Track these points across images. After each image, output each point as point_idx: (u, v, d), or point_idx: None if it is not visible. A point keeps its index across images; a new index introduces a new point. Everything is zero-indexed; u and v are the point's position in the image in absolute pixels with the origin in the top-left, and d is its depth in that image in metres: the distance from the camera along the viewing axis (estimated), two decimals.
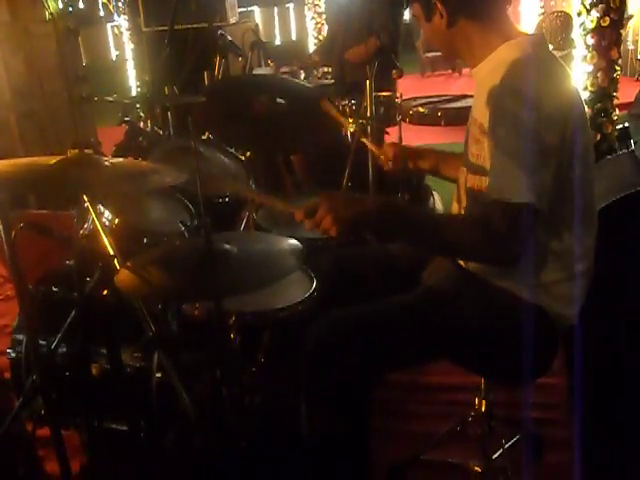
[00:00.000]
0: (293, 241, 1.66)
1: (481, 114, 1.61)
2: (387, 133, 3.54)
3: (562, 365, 2.48)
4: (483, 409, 2.00)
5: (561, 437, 2.22)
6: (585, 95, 4.73)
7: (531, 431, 2.17)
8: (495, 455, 2.01)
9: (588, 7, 4.50)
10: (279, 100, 2.20)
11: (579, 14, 4.61)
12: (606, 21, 4.44)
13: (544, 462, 2.14)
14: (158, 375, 1.91)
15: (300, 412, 1.66)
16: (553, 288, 1.63)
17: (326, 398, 1.61)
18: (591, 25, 4.50)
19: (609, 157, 4.01)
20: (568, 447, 2.16)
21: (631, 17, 8.73)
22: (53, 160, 1.59)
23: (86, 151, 1.62)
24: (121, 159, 1.80)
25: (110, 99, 3.12)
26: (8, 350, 2.14)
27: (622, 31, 4.68)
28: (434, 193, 3.74)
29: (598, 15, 4.44)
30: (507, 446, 2.06)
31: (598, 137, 4.73)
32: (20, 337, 2.12)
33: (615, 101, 4.79)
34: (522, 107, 1.44)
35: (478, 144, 1.64)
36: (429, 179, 3.52)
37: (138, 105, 4.12)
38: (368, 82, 2.68)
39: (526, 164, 1.43)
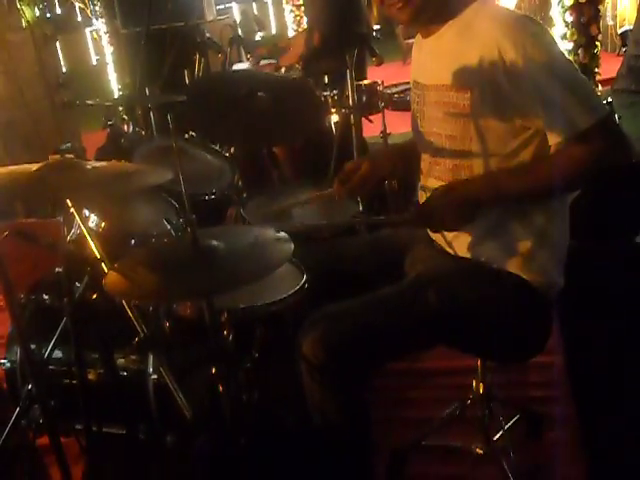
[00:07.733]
0: (281, 233, 1.65)
1: (447, 75, 1.65)
2: (371, 121, 3.52)
3: (558, 343, 2.50)
4: (481, 391, 1.99)
5: (560, 415, 2.22)
6: None
7: (530, 410, 2.17)
8: (496, 437, 2.02)
9: None
10: (260, 94, 2.18)
11: None
12: None
13: (544, 440, 2.14)
14: (154, 377, 1.90)
15: (299, 406, 1.66)
16: (535, 255, 1.63)
17: (325, 391, 1.60)
18: (569, 2, 4.51)
19: None
20: (568, 424, 2.17)
21: None
22: (35, 167, 1.57)
23: (67, 156, 1.61)
24: (104, 162, 1.78)
25: (91, 102, 3.11)
26: (2, 360, 2.13)
27: (600, 7, 4.70)
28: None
29: None
30: (507, 427, 2.06)
31: None
32: (14, 347, 2.11)
33: (597, 77, 4.80)
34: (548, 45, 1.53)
35: (449, 107, 1.64)
36: None
37: (121, 108, 4.10)
38: (348, 71, 2.67)
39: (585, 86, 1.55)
